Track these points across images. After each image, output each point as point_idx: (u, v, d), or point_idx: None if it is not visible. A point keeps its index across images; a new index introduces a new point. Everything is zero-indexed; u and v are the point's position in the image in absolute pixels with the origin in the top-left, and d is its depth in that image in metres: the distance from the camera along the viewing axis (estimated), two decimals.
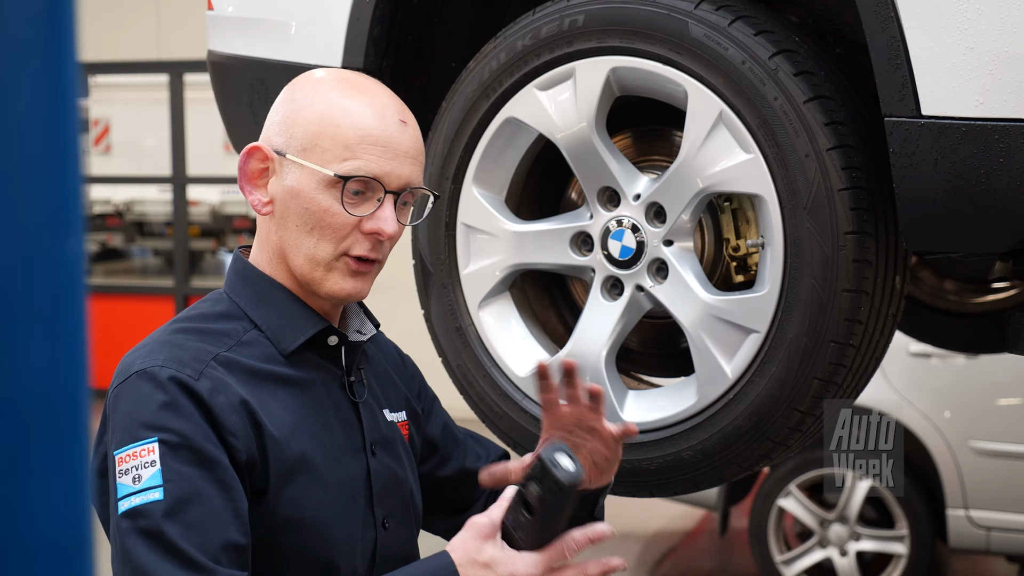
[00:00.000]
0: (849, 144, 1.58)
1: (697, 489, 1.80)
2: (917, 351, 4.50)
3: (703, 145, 1.66)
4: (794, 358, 1.63)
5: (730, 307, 1.68)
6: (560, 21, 1.73)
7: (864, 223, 1.58)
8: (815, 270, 1.60)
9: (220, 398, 1.33)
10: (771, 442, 1.69)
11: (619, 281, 1.78)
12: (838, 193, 1.57)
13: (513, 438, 1.87)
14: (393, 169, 1.41)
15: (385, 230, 1.41)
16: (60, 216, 0.57)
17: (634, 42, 1.68)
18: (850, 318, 1.61)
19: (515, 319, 1.89)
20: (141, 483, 1.27)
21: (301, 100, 1.44)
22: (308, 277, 1.44)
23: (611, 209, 1.77)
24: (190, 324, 1.42)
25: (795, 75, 1.60)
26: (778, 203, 1.62)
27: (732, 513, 5.19)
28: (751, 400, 1.67)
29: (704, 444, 1.72)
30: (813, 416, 1.68)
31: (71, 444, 0.57)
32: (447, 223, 1.88)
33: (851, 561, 4.69)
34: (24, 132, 0.56)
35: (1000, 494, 4.48)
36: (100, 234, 12.02)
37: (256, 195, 1.44)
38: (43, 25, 0.56)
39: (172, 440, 1.29)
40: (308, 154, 1.40)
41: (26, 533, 0.56)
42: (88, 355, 0.58)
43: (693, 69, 1.65)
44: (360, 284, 1.45)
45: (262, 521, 1.36)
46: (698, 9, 1.64)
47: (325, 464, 1.42)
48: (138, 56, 8.95)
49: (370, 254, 1.43)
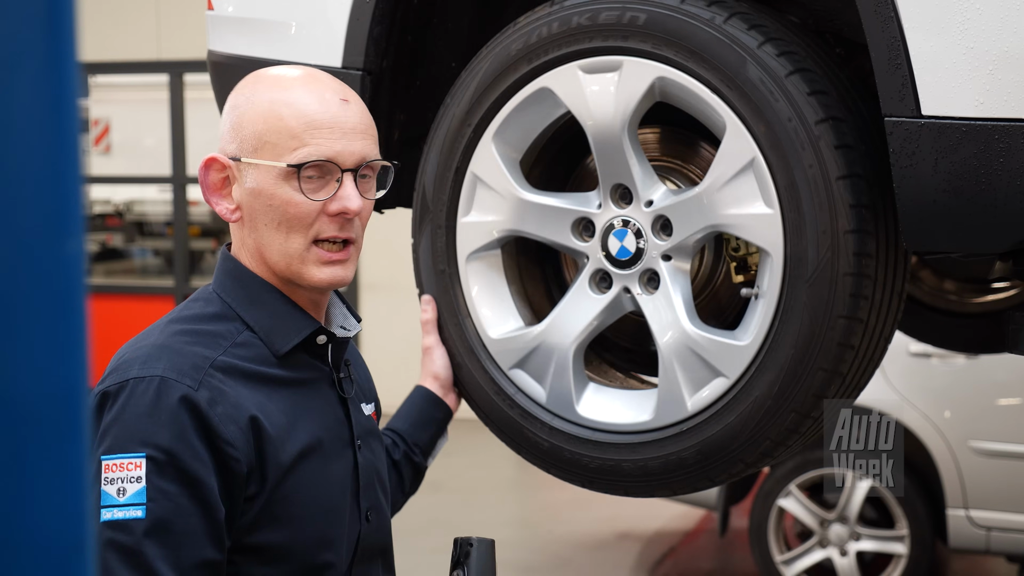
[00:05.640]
0: (868, 230, 1.58)
1: (627, 495, 1.82)
2: (917, 351, 4.50)
3: (728, 184, 1.64)
4: (754, 415, 1.65)
5: (708, 345, 1.69)
6: (621, 13, 1.69)
7: (859, 310, 1.59)
8: (799, 342, 1.60)
9: (219, 408, 1.36)
10: (708, 480, 1.73)
11: (609, 276, 1.78)
12: (843, 276, 1.57)
13: (468, 391, 1.88)
14: (344, 148, 1.44)
15: (350, 208, 1.44)
16: (60, 216, 0.57)
17: (689, 60, 1.64)
18: (818, 394, 1.63)
19: (500, 280, 1.88)
20: (125, 497, 1.30)
21: (243, 104, 1.47)
22: (287, 272, 1.46)
23: (621, 207, 1.76)
24: (186, 325, 1.43)
25: (836, 147, 1.57)
26: (783, 266, 1.61)
27: (732, 513, 5.19)
28: (702, 439, 1.69)
29: (646, 462, 1.74)
30: (755, 469, 1.72)
31: (71, 444, 0.57)
32: (458, 167, 1.86)
33: (851, 561, 4.69)
34: (24, 132, 0.56)
35: (1000, 494, 4.48)
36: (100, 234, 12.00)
37: (222, 204, 1.47)
38: (43, 25, 0.56)
39: (159, 458, 1.32)
40: (260, 153, 1.43)
41: (26, 533, 0.56)
42: (88, 355, 0.58)
43: (739, 108, 1.62)
44: (339, 271, 1.47)
45: (256, 520, 1.38)
46: (760, 50, 1.60)
47: (319, 462, 1.45)
48: (138, 56, 8.95)
49: (340, 233, 1.45)
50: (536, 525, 6.20)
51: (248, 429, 1.37)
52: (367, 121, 1.49)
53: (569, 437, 1.79)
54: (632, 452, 1.75)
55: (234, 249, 1.50)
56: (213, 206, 1.48)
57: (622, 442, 1.76)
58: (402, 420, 1.85)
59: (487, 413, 1.86)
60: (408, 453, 1.83)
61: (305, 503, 1.42)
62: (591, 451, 1.78)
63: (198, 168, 1.47)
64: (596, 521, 6.06)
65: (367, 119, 1.49)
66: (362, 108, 1.50)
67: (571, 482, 1.84)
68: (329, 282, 1.46)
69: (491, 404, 1.85)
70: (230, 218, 1.47)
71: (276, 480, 1.39)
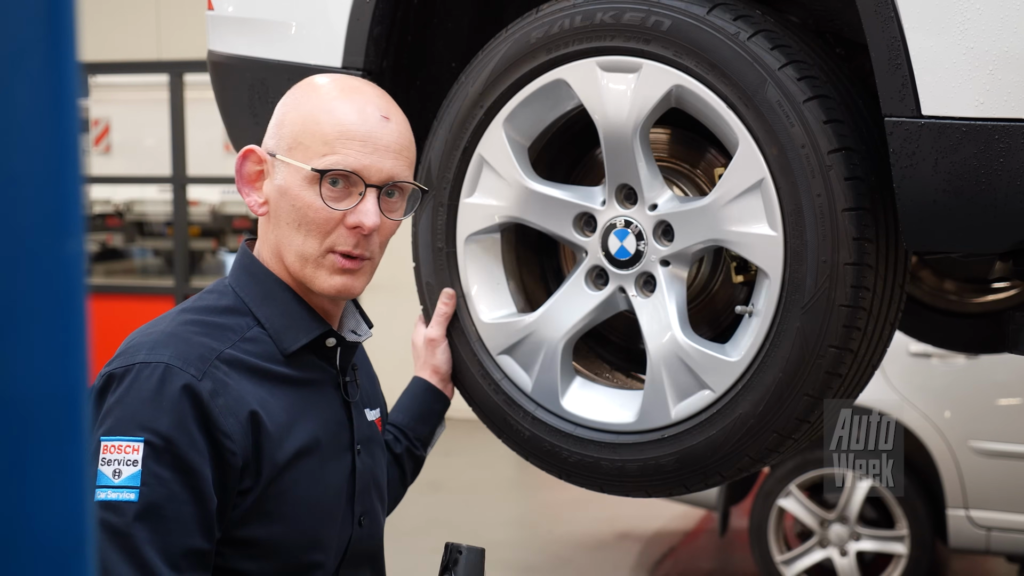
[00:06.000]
0: (868, 264, 1.58)
1: (603, 491, 1.83)
2: (917, 351, 4.50)
3: (734, 200, 1.64)
4: (736, 431, 1.66)
5: (697, 356, 1.69)
6: (646, 15, 1.68)
7: (851, 340, 1.59)
8: (788, 366, 1.61)
9: (220, 400, 1.37)
10: (683, 487, 1.74)
11: (605, 274, 1.78)
12: (837, 307, 1.58)
13: (455, 371, 1.89)
14: (372, 163, 1.44)
15: (365, 223, 1.44)
16: (60, 216, 0.57)
17: (709, 73, 1.63)
18: (801, 418, 1.63)
19: (497, 265, 1.88)
20: (120, 479, 1.32)
21: (291, 103, 1.49)
22: (300, 274, 1.47)
23: (625, 207, 1.76)
24: (197, 316, 1.45)
25: (846, 179, 1.56)
26: (779, 290, 1.62)
27: (732, 513, 5.19)
28: (682, 448, 1.70)
29: (624, 463, 1.74)
30: (732, 480, 1.74)
31: (71, 444, 0.57)
32: (466, 147, 1.85)
33: (851, 561, 4.69)
34: (24, 132, 0.56)
35: (1000, 494, 4.48)
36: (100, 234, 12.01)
37: (252, 196, 1.50)
38: (43, 25, 0.56)
39: (157, 443, 1.33)
40: (293, 152, 1.45)
41: (26, 533, 0.56)
42: (88, 355, 0.58)
43: (753, 127, 1.61)
44: (350, 281, 1.47)
45: (248, 514, 1.39)
46: (781, 71, 1.59)
47: (316, 463, 1.46)
48: (138, 56, 8.95)
49: (354, 250, 1.46)
50: (536, 525, 6.20)
51: (247, 423, 1.38)
52: (404, 142, 1.49)
53: (550, 429, 1.80)
54: (611, 452, 1.75)
55: (256, 244, 1.53)
56: (244, 197, 1.50)
57: (602, 440, 1.76)
58: (403, 413, 1.86)
59: (471, 394, 1.88)
60: (410, 447, 1.84)
61: (297, 502, 1.43)
62: (571, 445, 1.78)
63: (236, 157, 1.49)
64: (596, 521, 6.06)
65: (405, 140, 1.49)
66: (403, 128, 1.50)
67: (549, 472, 1.85)
68: (338, 291, 1.47)
69: (476, 386, 1.86)
70: (258, 211, 1.49)
71: (271, 476, 1.40)
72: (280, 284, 1.49)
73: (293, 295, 1.49)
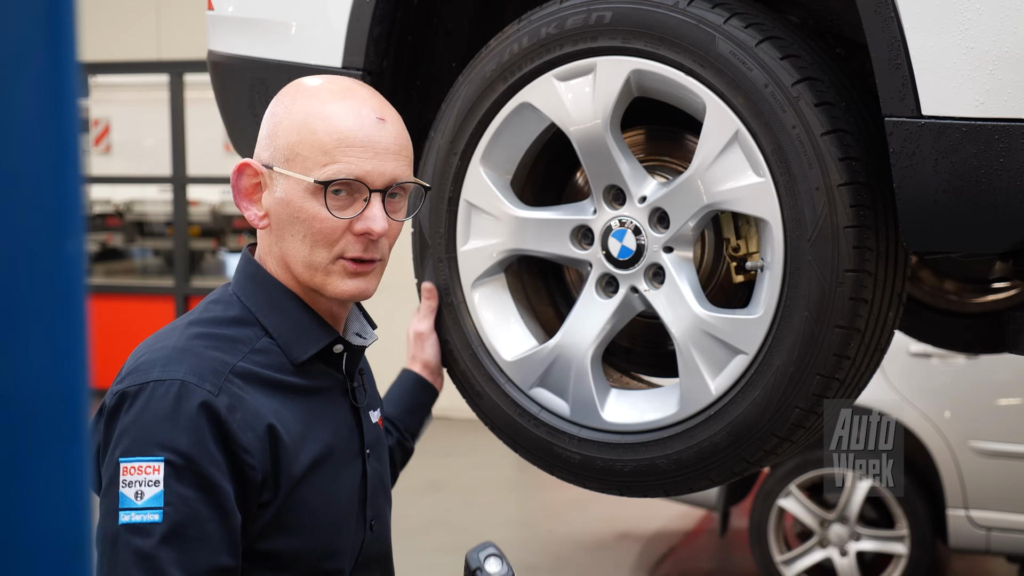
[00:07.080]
0: (860, 181, 1.58)
1: (667, 496, 1.82)
2: (917, 351, 4.50)
3: (715, 161, 1.65)
4: (779, 385, 1.64)
5: (722, 325, 1.68)
6: (587, 15, 1.71)
7: (865, 262, 1.59)
8: (811, 303, 1.60)
9: (237, 415, 1.35)
10: (745, 462, 1.71)
11: (615, 280, 1.78)
12: (843, 230, 1.57)
13: (491, 419, 1.87)
14: (374, 168, 1.43)
15: (374, 229, 1.43)
16: (60, 216, 0.57)
17: (659, 48, 1.66)
18: (839, 354, 1.61)
19: (508, 302, 1.89)
20: (143, 500, 1.30)
21: (281, 112, 1.46)
22: (310, 283, 1.46)
23: (616, 208, 1.77)
24: (206, 329, 1.43)
25: (816, 105, 1.58)
26: (782, 231, 1.62)
27: (732, 513, 5.19)
28: (731, 420, 1.68)
29: (679, 455, 1.73)
30: (790, 442, 1.69)
31: (71, 444, 0.57)
32: (450, 198, 1.87)
33: (851, 561, 4.69)
34: (24, 132, 0.56)
35: (1000, 494, 4.48)
36: (100, 234, 12.02)
37: (252, 210, 1.47)
38: (43, 25, 0.56)
39: (178, 463, 1.31)
40: (291, 164, 1.43)
41: (26, 533, 0.56)
42: (88, 355, 0.58)
43: (715, 84, 1.63)
44: (362, 283, 1.47)
45: (267, 527, 1.38)
46: (727, 24, 1.62)
47: (331, 472, 1.46)
48: (138, 56, 8.95)
49: (364, 255, 1.45)
50: (536, 525, 6.20)
51: (265, 437, 1.37)
52: (402, 142, 1.48)
53: (599, 445, 1.78)
54: (664, 447, 1.73)
55: (259, 254, 1.50)
56: (242, 211, 1.47)
57: (653, 439, 1.74)
58: (394, 407, 1.86)
59: (513, 437, 1.86)
60: (401, 440, 1.85)
61: (315, 512, 1.42)
62: (623, 455, 1.76)
63: (231, 171, 1.47)
64: (596, 521, 6.06)
65: (402, 139, 1.48)
66: (399, 128, 1.48)
67: (609, 492, 1.82)
68: (352, 294, 1.46)
69: (516, 426, 1.84)
70: (258, 224, 1.47)
71: (288, 488, 1.39)
72: (286, 292, 1.47)
73: (300, 303, 1.47)
